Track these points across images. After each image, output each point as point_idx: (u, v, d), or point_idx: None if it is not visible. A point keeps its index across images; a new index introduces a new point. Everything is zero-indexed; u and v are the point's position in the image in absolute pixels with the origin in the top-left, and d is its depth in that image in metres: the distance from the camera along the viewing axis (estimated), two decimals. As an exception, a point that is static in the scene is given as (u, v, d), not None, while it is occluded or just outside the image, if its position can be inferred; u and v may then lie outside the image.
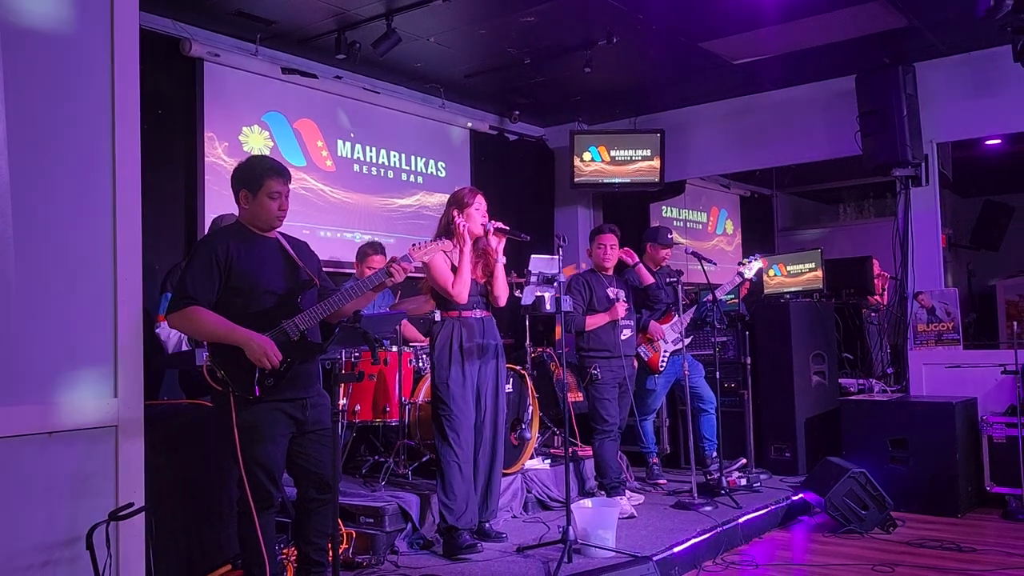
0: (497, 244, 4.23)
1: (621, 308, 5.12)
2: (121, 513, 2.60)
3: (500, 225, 4.22)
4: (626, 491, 5.09)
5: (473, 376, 4.18)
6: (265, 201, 3.23)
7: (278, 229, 3.36)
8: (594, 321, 5.11)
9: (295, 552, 3.53)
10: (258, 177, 3.23)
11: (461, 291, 4.10)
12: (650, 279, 5.42)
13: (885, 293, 7.55)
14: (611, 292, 5.21)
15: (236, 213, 3.37)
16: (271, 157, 3.46)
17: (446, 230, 4.17)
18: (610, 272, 5.32)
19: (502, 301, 4.31)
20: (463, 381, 4.14)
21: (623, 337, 5.14)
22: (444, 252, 3.96)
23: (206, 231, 5.10)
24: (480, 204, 4.22)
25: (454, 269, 4.12)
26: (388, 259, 3.48)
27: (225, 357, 3.13)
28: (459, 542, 4.05)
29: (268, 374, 3.13)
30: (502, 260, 4.29)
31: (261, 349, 3.07)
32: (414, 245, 3.55)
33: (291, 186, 3.34)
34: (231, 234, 3.27)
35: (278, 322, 3.19)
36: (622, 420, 5.19)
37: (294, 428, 3.25)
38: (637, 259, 5.42)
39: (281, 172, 3.27)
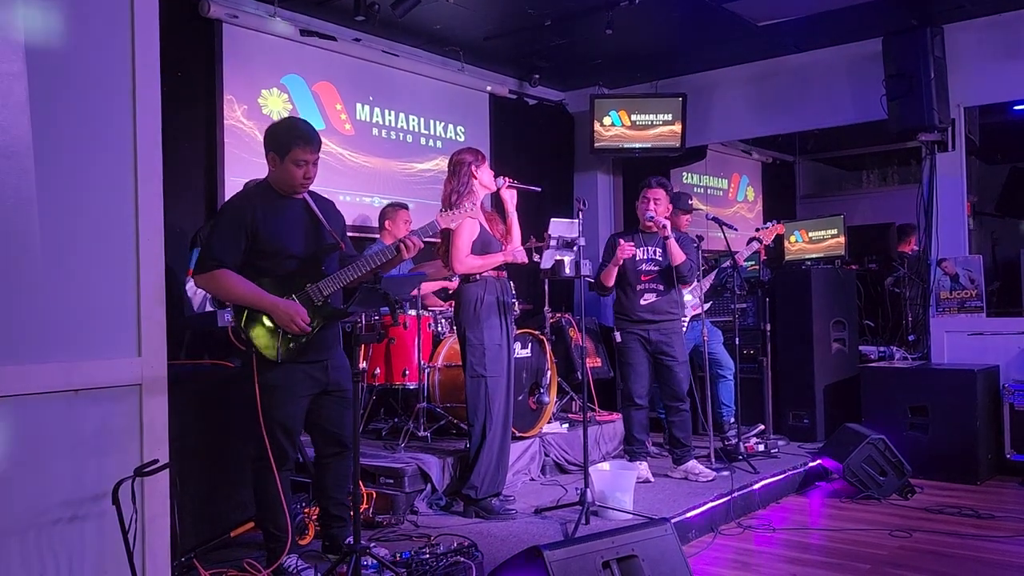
0: (511, 198, 4.24)
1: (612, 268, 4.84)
2: (146, 469, 2.63)
3: (511, 180, 4.23)
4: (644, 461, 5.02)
5: (507, 338, 4.20)
6: (291, 167, 3.20)
7: None
8: (605, 275, 4.93)
9: (316, 511, 3.59)
10: (285, 143, 3.19)
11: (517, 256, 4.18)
12: (680, 258, 4.86)
13: None
14: (641, 252, 4.97)
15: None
16: (305, 122, 3.32)
17: (466, 191, 4.09)
18: (652, 228, 4.95)
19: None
20: (504, 343, 4.15)
21: (643, 301, 4.92)
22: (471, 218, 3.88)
23: (227, 193, 5.12)
24: (486, 160, 4.25)
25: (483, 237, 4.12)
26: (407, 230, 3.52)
27: (250, 320, 3.17)
28: (497, 508, 4.10)
29: (291, 338, 3.16)
30: (515, 215, 4.29)
31: (288, 315, 3.12)
32: (442, 211, 3.60)
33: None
34: (258, 196, 3.28)
35: (302, 286, 3.22)
36: (678, 390, 4.90)
37: (315, 389, 3.29)
38: (669, 233, 4.87)
39: (309, 140, 3.21)
